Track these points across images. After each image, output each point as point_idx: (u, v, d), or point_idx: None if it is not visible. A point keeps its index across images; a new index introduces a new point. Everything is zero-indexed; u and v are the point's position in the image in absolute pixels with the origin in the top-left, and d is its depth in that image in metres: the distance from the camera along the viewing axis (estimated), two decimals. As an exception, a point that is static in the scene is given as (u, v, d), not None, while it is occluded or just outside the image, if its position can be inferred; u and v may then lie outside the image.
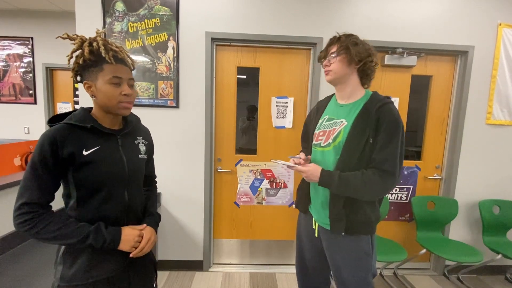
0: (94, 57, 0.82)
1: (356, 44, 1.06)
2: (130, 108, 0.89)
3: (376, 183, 1.00)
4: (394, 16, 2.09)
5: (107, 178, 0.85)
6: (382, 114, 1.01)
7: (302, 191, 1.31)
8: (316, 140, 1.19)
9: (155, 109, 2.10)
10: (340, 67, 1.09)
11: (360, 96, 1.12)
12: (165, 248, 2.24)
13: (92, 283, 0.84)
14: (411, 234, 2.35)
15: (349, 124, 1.06)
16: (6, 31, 3.35)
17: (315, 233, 1.22)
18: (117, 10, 1.99)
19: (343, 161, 1.06)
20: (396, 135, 1.00)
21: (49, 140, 0.76)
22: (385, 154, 1.00)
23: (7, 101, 3.47)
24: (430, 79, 2.26)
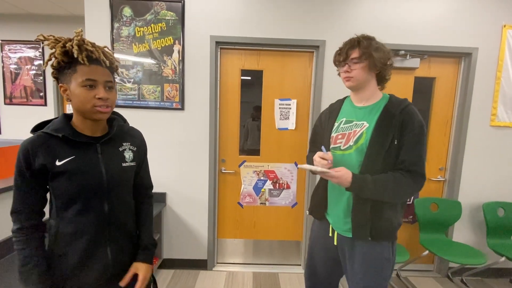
0: (68, 58, 0.77)
1: (378, 50, 1.04)
2: (107, 113, 0.82)
3: (408, 185, 1.00)
4: (397, 18, 2.10)
5: (82, 189, 0.80)
6: (407, 115, 1.02)
7: (318, 197, 1.24)
8: (334, 143, 1.15)
9: (161, 111, 2.16)
10: (362, 74, 1.07)
11: (379, 98, 1.11)
12: (170, 247, 2.29)
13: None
14: (414, 236, 2.35)
15: (371, 125, 1.06)
16: (18, 35, 3.46)
17: (334, 241, 1.17)
18: (124, 15, 2.05)
19: (368, 163, 1.05)
20: (422, 136, 1.02)
21: (23, 152, 0.76)
22: (414, 155, 1.01)
23: (19, 103, 3.58)
24: (433, 81, 2.26)
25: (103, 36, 2.07)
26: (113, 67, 0.86)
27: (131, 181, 0.94)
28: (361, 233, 1.06)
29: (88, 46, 0.78)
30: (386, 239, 1.08)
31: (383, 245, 1.08)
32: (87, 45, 0.78)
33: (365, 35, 1.09)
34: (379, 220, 1.05)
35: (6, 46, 3.46)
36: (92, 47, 0.79)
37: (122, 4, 2.04)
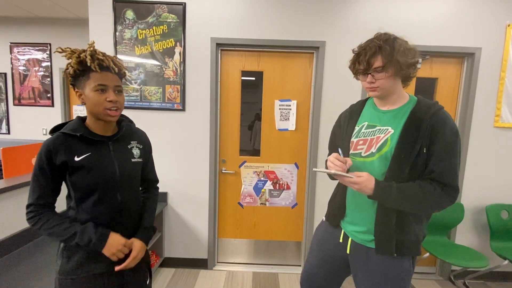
0: (82, 66, 0.87)
1: (403, 53, 0.93)
2: (117, 114, 0.91)
3: (439, 197, 0.91)
4: (398, 18, 2.09)
5: (99, 182, 0.90)
6: (437, 121, 0.92)
7: (336, 204, 1.16)
8: (354, 149, 1.06)
9: (162, 112, 2.19)
10: (389, 83, 0.96)
11: (405, 101, 1.01)
12: (171, 246, 2.32)
13: (87, 277, 0.91)
14: (416, 238, 2.33)
15: (397, 132, 0.96)
16: (26, 38, 3.55)
17: (347, 250, 1.09)
18: (127, 18, 2.09)
19: (393, 173, 0.95)
20: (455, 145, 0.92)
21: (45, 150, 0.85)
22: (445, 166, 0.91)
23: (27, 104, 3.67)
24: (435, 81, 2.24)
25: (107, 38, 2.11)
26: (121, 73, 0.95)
27: (139, 175, 1.04)
28: (385, 248, 0.98)
29: (99, 56, 0.88)
30: (411, 254, 0.99)
31: (404, 260, 1.00)
32: (98, 55, 0.88)
33: (385, 36, 0.96)
34: (405, 234, 0.96)
35: (15, 48, 3.56)
36: (103, 56, 0.89)
37: (125, 7, 2.08)
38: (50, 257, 1.41)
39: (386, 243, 0.98)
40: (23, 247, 1.49)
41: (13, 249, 1.45)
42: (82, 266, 0.90)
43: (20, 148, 1.97)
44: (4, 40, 3.55)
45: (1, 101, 3.66)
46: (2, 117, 3.70)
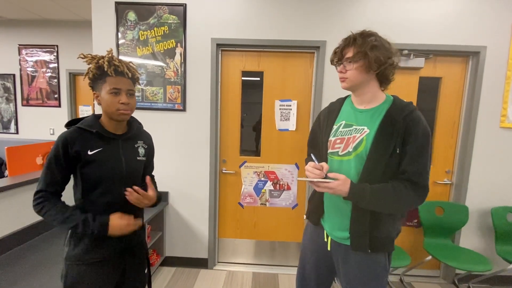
0: (100, 71, 0.96)
1: (375, 48, 0.95)
2: (128, 115, 1.00)
3: (409, 196, 0.94)
4: (400, 17, 2.06)
5: (107, 175, 0.98)
6: (411, 122, 0.94)
7: (315, 202, 1.20)
8: (332, 148, 1.08)
9: (163, 112, 2.21)
10: (357, 74, 0.99)
11: (381, 101, 1.03)
12: (171, 245, 2.34)
13: (92, 263, 0.97)
14: (419, 240, 2.29)
15: (372, 131, 0.99)
16: (34, 40, 3.64)
17: (328, 247, 1.13)
18: (129, 19, 2.12)
19: (368, 172, 0.98)
20: (427, 145, 0.95)
21: (62, 141, 0.92)
22: (417, 166, 0.94)
23: (35, 104, 3.76)
24: (439, 80, 2.20)
25: (109, 39, 2.14)
26: (135, 78, 1.03)
27: (141, 172, 1.11)
28: (360, 245, 1.02)
29: (116, 62, 0.96)
30: (385, 250, 1.03)
31: (379, 255, 1.04)
32: (115, 61, 0.96)
33: (365, 31, 0.99)
34: (378, 231, 1.01)
35: (23, 50, 3.65)
36: (119, 63, 0.97)
37: (126, 9, 2.11)
38: (57, 249, 1.48)
39: (361, 240, 1.01)
40: (32, 241, 1.57)
41: (22, 243, 1.52)
42: (88, 253, 0.96)
43: (24, 147, 2.02)
44: (13, 42, 3.64)
45: (10, 102, 3.76)
46: (11, 117, 3.79)
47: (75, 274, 0.96)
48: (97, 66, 0.95)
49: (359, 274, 1.05)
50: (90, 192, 0.97)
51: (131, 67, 1.02)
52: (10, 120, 3.80)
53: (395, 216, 1.03)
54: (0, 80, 3.74)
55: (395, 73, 1.03)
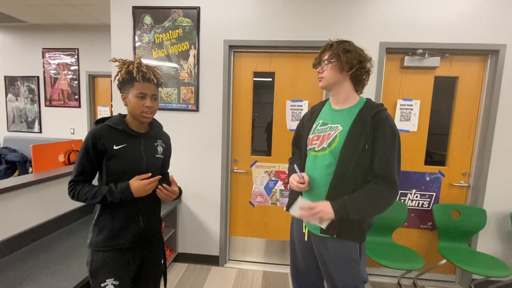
0: (129, 76, 1.05)
1: (348, 51, 1.07)
2: (150, 117, 1.10)
3: (384, 194, 1.03)
4: (413, 15, 2.03)
5: (129, 169, 1.07)
6: (378, 121, 1.04)
7: (293, 194, 1.28)
8: (310, 144, 1.19)
9: (177, 113, 2.28)
10: (331, 74, 1.11)
11: (355, 102, 1.14)
12: (184, 241, 2.40)
13: (113, 250, 1.06)
14: (433, 244, 2.24)
15: (345, 129, 1.09)
16: (56, 44, 3.83)
17: (305, 237, 1.23)
18: (145, 23, 2.20)
19: (340, 167, 1.07)
20: (394, 142, 1.04)
21: (91, 136, 1.02)
22: (385, 161, 1.03)
23: (57, 105, 3.95)
24: (456, 80, 2.14)
25: (127, 42, 2.23)
26: (159, 83, 1.12)
27: (159, 169, 1.19)
28: (328, 231, 1.10)
29: (143, 68, 1.06)
30: (353, 238, 1.10)
31: (349, 244, 1.11)
32: (142, 68, 1.06)
33: (341, 39, 1.14)
34: (347, 220, 1.07)
35: (47, 53, 3.85)
36: (146, 69, 1.06)
37: (143, 13, 2.19)
38: (81, 239, 1.60)
39: (329, 226, 1.07)
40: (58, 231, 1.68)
41: (48, 234, 1.63)
42: (110, 240, 1.05)
43: (48, 145, 2.14)
44: (37, 46, 3.85)
45: (34, 103, 3.97)
46: (35, 117, 4.00)
47: (99, 260, 1.04)
48: (127, 71, 1.05)
49: (332, 262, 1.15)
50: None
51: (157, 73, 1.11)
52: (34, 120, 4.01)
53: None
54: (26, 82, 3.95)
55: (368, 78, 1.15)
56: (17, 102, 4.02)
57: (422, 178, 2.23)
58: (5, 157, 3.53)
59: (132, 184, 1.03)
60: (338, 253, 1.13)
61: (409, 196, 2.25)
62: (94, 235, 1.06)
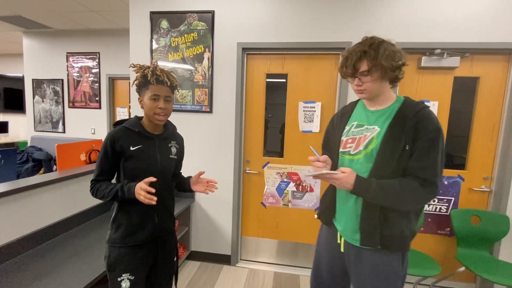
0: (145, 79, 1.10)
1: (388, 57, 0.96)
2: (164, 119, 1.13)
3: (417, 191, 0.94)
4: (431, 14, 1.97)
5: (144, 169, 1.11)
6: (421, 119, 0.95)
7: (327, 201, 1.21)
8: (344, 147, 1.11)
9: (191, 114, 2.34)
10: (375, 85, 1.01)
11: (392, 101, 1.05)
12: (197, 240, 2.45)
13: (130, 246, 1.11)
14: (451, 250, 2.16)
15: (383, 130, 1.01)
16: (79, 48, 4.02)
17: (341, 248, 1.13)
18: (162, 27, 2.27)
19: (377, 169, 0.99)
20: (437, 142, 0.94)
21: (110, 138, 1.08)
22: (425, 162, 0.94)
23: (79, 106, 4.15)
24: (477, 80, 2.06)
25: (144, 46, 2.32)
26: (173, 86, 1.15)
27: (173, 169, 1.24)
28: (369, 241, 1.01)
29: (158, 72, 1.09)
30: (396, 249, 1.01)
31: (392, 256, 1.02)
32: (157, 71, 1.09)
33: (371, 41, 0.99)
34: (389, 228, 0.99)
35: (70, 57, 4.05)
36: (160, 72, 1.10)
37: (160, 18, 2.27)
38: (100, 235, 1.68)
39: (370, 236, 1.01)
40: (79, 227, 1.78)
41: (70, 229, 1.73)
42: (126, 237, 1.10)
43: (71, 145, 2.26)
44: (62, 51, 4.06)
45: (59, 104, 4.18)
46: (59, 118, 4.22)
47: (116, 255, 1.10)
48: (143, 75, 1.09)
49: (371, 275, 1.04)
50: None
51: (171, 76, 1.14)
52: (59, 121, 4.23)
53: (409, 215, 1.01)
54: (51, 85, 4.18)
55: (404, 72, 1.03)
56: (43, 103, 4.26)
57: (440, 182, 2.15)
58: (32, 155, 3.74)
59: (136, 188, 1.04)
60: (378, 267, 1.02)
61: (426, 200, 2.18)
62: (112, 232, 1.12)
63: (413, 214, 1.03)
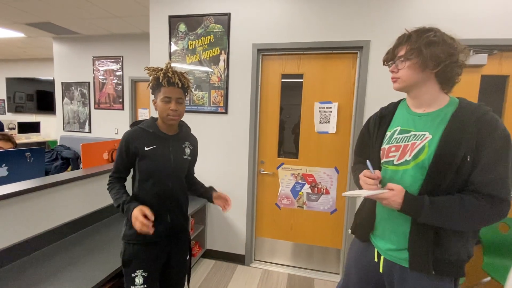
0: (157, 81, 1.13)
1: (433, 43, 0.85)
2: (176, 120, 1.16)
3: (482, 210, 0.80)
4: (456, 9, 1.87)
5: (158, 169, 1.15)
6: (485, 125, 0.82)
7: (364, 215, 1.08)
8: (386, 156, 0.98)
9: (207, 115, 2.38)
10: (410, 74, 0.90)
11: (444, 104, 0.91)
12: (212, 238, 2.49)
13: (143, 243, 1.14)
14: (477, 259, 2.03)
15: (436, 137, 0.87)
16: (104, 52, 4.23)
17: (380, 268, 1.00)
18: (180, 31, 2.34)
19: (431, 183, 0.86)
20: (506, 151, 0.81)
21: (125, 138, 1.14)
22: (493, 175, 0.80)
23: (104, 108, 4.36)
24: (506, 79, 1.93)
25: (163, 49, 2.40)
26: (185, 87, 1.17)
27: (186, 169, 1.27)
28: (421, 266, 0.88)
29: (169, 74, 1.12)
30: (453, 275, 0.89)
31: (444, 281, 0.89)
32: (169, 73, 1.12)
33: (423, 27, 0.89)
34: (444, 250, 0.87)
35: (96, 61, 4.27)
36: (172, 74, 1.12)
37: (178, 22, 2.33)
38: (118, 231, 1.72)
39: (422, 259, 0.88)
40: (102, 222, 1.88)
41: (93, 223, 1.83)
42: (139, 234, 1.10)
43: (95, 144, 2.38)
44: (89, 55, 4.29)
45: (85, 106, 4.42)
46: (86, 119, 4.46)
47: (130, 252, 1.14)
48: (156, 78, 1.12)
49: None
50: (144, 182, 1.16)
51: (183, 78, 1.15)
52: (85, 121, 4.47)
53: (466, 235, 0.88)
54: (79, 87, 4.43)
55: (461, 73, 0.90)
56: (72, 105, 4.52)
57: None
58: (61, 154, 3.98)
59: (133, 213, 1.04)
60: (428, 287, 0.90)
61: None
62: (126, 229, 1.16)
63: (471, 233, 0.90)
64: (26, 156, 1.87)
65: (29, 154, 1.86)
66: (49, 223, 1.54)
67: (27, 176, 1.75)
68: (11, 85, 6.19)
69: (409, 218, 0.90)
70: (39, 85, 5.98)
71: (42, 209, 1.51)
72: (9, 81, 6.20)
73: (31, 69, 6.07)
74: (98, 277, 1.24)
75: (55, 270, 1.28)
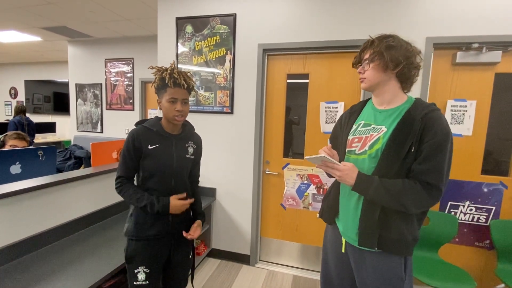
0: (163, 82, 1.14)
1: (391, 48, 0.97)
2: (181, 120, 1.18)
3: (419, 194, 0.92)
4: (468, 6, 1.81)
5: (160, 167, 1.17)
6: (429, 121, 0.93)
7: (330, 200, 1.22)
8: (350, 146, 1.11)
9: (213, 115, 2.40)
10: (374, 74, 1.02)
11: (402, 102, 1.03)
12: (218, 238, 2.50)
13: (146, 239, 1.17)
14: (490, 264, 1.95)
15: (389, 130, 0.99)
16: (116, 54, 4.34)
17: (342, 248, 1.13)
18: (186, 32, 2.37)
19: (381, 170, 0.98)
20: (444, 146, 0.92)
21: (131, 136, 1.14)
22: (430, 165, 0.92)
23: (115, 108, 4.47)
24: (523, 77, 1.85)
25: (171, 51, 2.44)
26: (190, 88, 1.20)
27: (189, 169, 1.29)
28: (367, 242, 1.01)
29: (175, 75, 1.13)
30: (396, 252, 0.99)
31: (393, 260, 1.00)
32: (174, 74, 1.13)
33: (383, 34, 1.03)
34: (389, 230, 0.99)
35: (108, 63, 4.38)
36: (177, 75, 1.13)
37: (185, 23, 2.37)
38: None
39: (368, 237, 1.00)
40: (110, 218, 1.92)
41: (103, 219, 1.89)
42: (141, 231, 1.16)
43: (103, 143, 2.44)
44: (101, 57, 4.41)
45: (98, 106, 4.55)
46: (98, 119, 4.59)
47: (133, 248, 1.16)
48: (161, 78, 1.14)
49: (371, 277, 1.04)
50: (148, 181, 1.18)
51: (188, 78, 1.17)
52: (98, 122, 4.60)
53: (411, 219, 1.00)
54: (91, 89, 4.56)
55: (417, 74, 1.04)
56: (85, 106, 4.66)
57: (478, 189, 1.97)
58: (74, 153, 4.11)
59: (172, 204, 1.15)
60: (380, 269, 1.02)
61: (461, 209, 2.01)
62: (129, 225, 1.18)
63: (416, 218, 1.01)
64: (39, 154, 1.94)
65: (42, 152, 1.93)
66: (59, 219, 1.59)
67: (40, 174, 1.81)
68: (29, 87, 6.46)
69: (361, 202, 1.03)
70: (55, 87, 6.21)
71: (52, 205, 1.56)
72: (27, 83, 6.47)
73: (48, 71, 6.31)
74: (104, 272, 1.27)
75: (64, 264, 1.32)
